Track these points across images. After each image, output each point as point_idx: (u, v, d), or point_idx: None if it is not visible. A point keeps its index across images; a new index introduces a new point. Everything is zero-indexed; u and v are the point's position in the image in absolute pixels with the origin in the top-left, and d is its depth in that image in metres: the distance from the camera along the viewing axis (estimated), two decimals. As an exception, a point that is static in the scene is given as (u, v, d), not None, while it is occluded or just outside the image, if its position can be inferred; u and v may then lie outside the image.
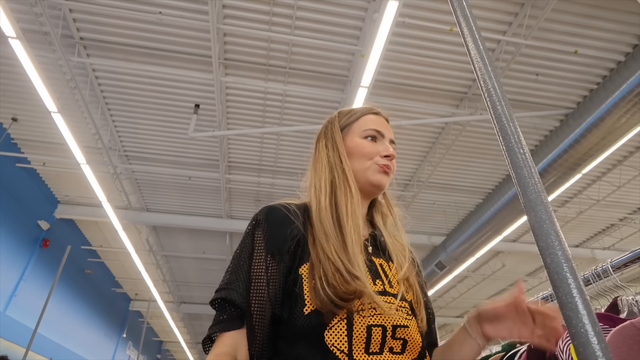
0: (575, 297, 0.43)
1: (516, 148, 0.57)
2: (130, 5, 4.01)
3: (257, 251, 0.70)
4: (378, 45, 3.59)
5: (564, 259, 0.46)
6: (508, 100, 0.61)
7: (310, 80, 4.80)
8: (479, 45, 0.67)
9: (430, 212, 7.31)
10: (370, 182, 0.81)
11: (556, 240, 0.48)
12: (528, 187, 0.53)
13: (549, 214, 0.50)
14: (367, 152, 0.82)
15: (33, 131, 5.62)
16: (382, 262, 0.74)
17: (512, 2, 3.97)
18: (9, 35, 3.56)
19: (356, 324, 0.63)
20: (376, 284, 0.69)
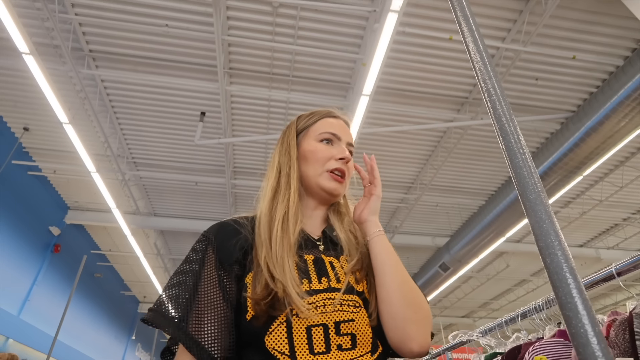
0: (574, 297, 0.43)
1: (516, 148, 0.57)
2: (137, 18, 4.13)
3: (207, 265, 0.70)
4: (379, 54, 3.68)
5: (563, 259, 0.46)
6: (508, 101, 0.62)
7: (313, 87, 4.90)
8: (478, 45, 0.67)
9: (434, 214, 7.38)
10: (323, 188, 0.80)
11: (556, 240, 0.48)
12: (528, 187, 0.53)
13: (548, 214, 0.50)
14: (321, 156, 0.82)
15: (44, 140, 5.77)
16: (332, 260, 0.74)
17: (511, 9, 4.05)
18: (22, 51, 3.70)
19: (295, 326, 0.63)
20: (321, 282, 0.69)
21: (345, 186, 0.84)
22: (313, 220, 0.83)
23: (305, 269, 0.70)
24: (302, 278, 0.68)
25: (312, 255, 0.74)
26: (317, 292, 0.67)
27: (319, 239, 0.78)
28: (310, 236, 0.78)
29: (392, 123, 5.29)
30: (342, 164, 0.81)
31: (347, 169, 0.83)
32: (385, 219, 7.75)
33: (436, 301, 11.01)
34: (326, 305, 0.66)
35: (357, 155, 0.83)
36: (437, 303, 11.47)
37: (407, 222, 7.51)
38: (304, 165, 0.83)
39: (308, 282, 0.68)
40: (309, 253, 0.74)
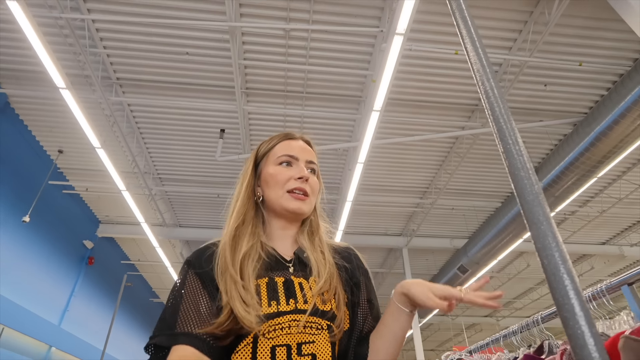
0: (571, 299, 0.43)
1: (513, 150, 0.57)
2: (159, 47, 4.44)
3: (189, 283, 0.74)
4: (388, 72, 3.85)
5: (560, 260, 0.46)
6: (506, 103, 0.62)
7: (326, 102, 5.10)
8: (476, 46, 0.68)
9: (450, 216, 7.46)
10: (286, 209, 0.82)
11: (553, 241, 0.48)
12: (525, 188, 0.53)
13: (546, 215, 0.50)
14: (280, 179, 0.84)
15: (77, 161, 6.18)
16: (302, 281, 0.76)
17: (517, 20, 4.14)
18: (59, 86, 4.04)
19: (260, 345, 0.67)
20: (289, 304, 0.72)
21: (311, 203, 0.85)
22: (284, 241, 0.85)
23: (275, 291, 0.73)
24: (271, 300, 0.72)
25: (282, 277, 0.76)
26: (284, 314, 0.70)
27: (289, 260, 0.80)
28: (282, 257, 0.80)
29: (405, 132, 5.44)
30: (302, 183, 0.83)
31: (310, 187, 0.84)
32: (402, 223, 7.88)
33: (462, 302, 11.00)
34: (291, 326, 0.69)
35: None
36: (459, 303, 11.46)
37: (424, 226, 7.61)
38: (266, 189, 0.85)
39: (276, 304, 0.71)
40: (279, 275, 0.76)
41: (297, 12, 4.09)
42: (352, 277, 0.82)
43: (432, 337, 14.56)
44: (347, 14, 4.10)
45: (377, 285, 10.36)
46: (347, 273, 0.82)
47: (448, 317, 12.34)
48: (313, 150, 0.93)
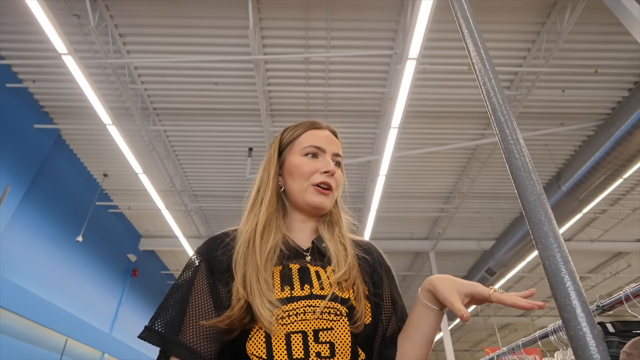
0: (573, 300, 0.43)
1: (515, 151, 0.57)
2: (191, 79, 4.83)
3: (199, 277, 0.72)
4: (403, 90, 4.05)
5: (562, 261, 0.46)
6: (507, 104, 0.62)
7: (346, 118, 5.35)
8: (477, 44, 0.68)
9: (476, 219, 7.51)
10: (308, 203, 0.80)
11: (555, 242, 0.47)
12: (527, 189, 0.53)
13: (548, 217, 0.50)
14: (305, 171, 0.81)
15: (120, 183, 6.71)
16: (319, 269, 0.73)
17: (530, 31, 4.24)
18: (106, 122, 4.50)
19: (275, 332, 0.64)
20: (304, 289, 0.68)
21: (333, 198, 0.83)
22: (302, 232, 0.82)
23: (289, 276, 0.70)
24: (284, 285, 0.69)
25: (297, 265, 0.73)
26: (299, 299, 0.67)
27: (307, 250, 0.78)
28: (299, 247, 0.78)
29: (425, 142, 5.60)
30: (327, 177, 0.81)
31: (335, 181, 0.82)
32: (428, 227, 7.99)
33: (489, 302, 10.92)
34: (307, 312, 0.66)
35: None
36: (491, 304, 11.37)
37: (450, 229, 7.69)
38: (289, 180, 0.82)
39: (290, 289, 0.68)
40: (295, 262, 0.74)
41: (315, 40, 4.36)
42: (374, 272, 0.79)
43: (465, 338, 14.44)
44: (362, 37, 4.34)
45: (405, 288, 10.48)
46: (369, 267, 0.79)
47: (480, 317, 12.24)
48: (339, 142, 0.89)
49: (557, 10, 4.03)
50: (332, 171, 0.81)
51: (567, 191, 5.16)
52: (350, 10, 4.10)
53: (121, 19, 4.19)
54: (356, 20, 4.18)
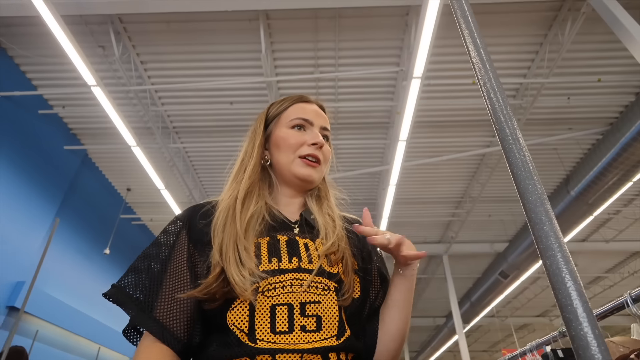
0: (574, 300, 0.43)
1: (515, 150, 0.56)
2: (207, 100, 5.10)
3: (178, 247, 0.70)
4: (410, 105, 4.22)
5: (563, 261, 0.46)
6: (507, 101, 0.61)
7: (356, 130, 5.54)
8: (476, 42, 0.68)
9: (488, 223, 7.60)
10: (296, 175, 0.78)
11: (556, 242, 0.47)
12: (528, 189, 0.52)
13: (549, 216, 0.49)
14: (292, 142, 0.79)
15: (142, 196, 7.05)
16: (308, 241, 0.72)
17: (532, 43, 4.37)
18: (131, 144, 4.81)
19: (259, 303, 0.62)
20: (292, 262, 0.67)
21: (321, 171, 0.81)
22: (291, 207, 0.81)
23: (277, 248, 0.69)
24: (272, 257, 0.67)
25: (285, 237, 0.72)
26: (286, 272, 0.65)
27: (295, 222, 0.76)
28: (287, 219, 0.76)
29: (433, 151, 5.75)
30: (315, 149, 0.79)
31: (323, 154, 0.80)
32: (440, 232, 8.11)
33: (505, 303, 10.94)
34: (293, 285, 0.64)
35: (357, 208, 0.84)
36: (507, 304, 11.37)
37: (462, 232, 7.79)
38: (276, 153, 0.81)
39: (277, 261, 0.67)
40: (282, 234, 0.72)
41: (324, 59, 4.58)
42: (363, 247, 0.78)
43: (483, 339, 14.41)
44: (368, 55, 4.53)
45: (420, 291, 10.59)
46: (358, 241, 0.78)
47: (497, 317, 12.22)
48: (327, 117, 0.88)
49: (558, 22, 4.15)
50: (320, 143, 0.79)
51: (576, 196, 5.24)
52: (357, 31, 4.30)
53: (142, 48, 4.49)
54: (362, 40, 4.37)
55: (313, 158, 0.79)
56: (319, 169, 0.80)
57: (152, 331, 0.63)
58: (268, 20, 4.19)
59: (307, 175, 0.78)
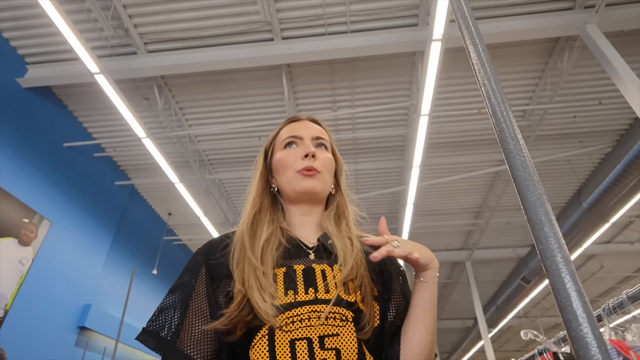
0: (574, 301, 0.43)
1: (515, 151, 0.56)
2: (238, 135, 5.69)
3: (198, 283, 0.71)
4: (420, 137, 4.63)
5: (563, 262, 0.46)
6: (507, 103, 0.61)
7: (374, 154, 5.99)
8: (477, 44, 0.69)
9: (508, 229, 7.83)
10: (297, 191, 0.79)
11: (556, 243, 0.47)
12: (528, 189, 0.52)
13: (548, 217, 0.49)
14: (287, 161, 0.80)
15: (182, 219, 7.75)
16: (325, 267, 0.71)
17: (535, 70, 4.68)
18: (173, 181, 5.46)
19: (278, 339, 0.62)
20: (308, 293, 0.66)
21: (323, 180, 0.80)
22: (306, 228, 0.80)
23: (293, 279, 0.68)
24: (288, 289, 0.67)
25: (302, 265, 0.71)
26: (303, 304, 0.65)
27: (312, 247, 0.75)
28: (303, 244, 0.76)
29: (449, 169, 6.11)
30: (309, 160, 0.79)
31: (321, 162, 0.80)
32: (462, 239, 8.39)
33: (534, 304, 11.02)
34: (311, 318, 0.64)
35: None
36: (536, 305, 11.43)
37: (484, 239, 8.05)
38: (277, 177, 0.82)
39: (294, 294, 0.66)
40: (299, 262, 0.72)
41: (341, 97, 5.06)
42: (383, 270, 0.77)
43: (515, 339, 14.42)
44: (381, 90, 4.97)
45: (446, 295, 10.85)
46: (377, 265, 0.77)
47: (525, 318, 12.27)
48: (322, 128, 0.89)
49: (557, 52, 4.45)
50: (310, 152, 0.79)
51: (588, 207, 5.46)
52: (369, 71, 4.75)
53: (181, 97, 5.12)
54: (374, 78, 4.82)
55: (308, 168, 0.79)
56: (319, 177, 0.79)
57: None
58: (289, 68, 4.71)
59: (307, 186, 0.78)
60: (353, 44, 4.19)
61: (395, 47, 4.17)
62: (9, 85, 4.51)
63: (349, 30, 4.25)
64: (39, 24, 4.21)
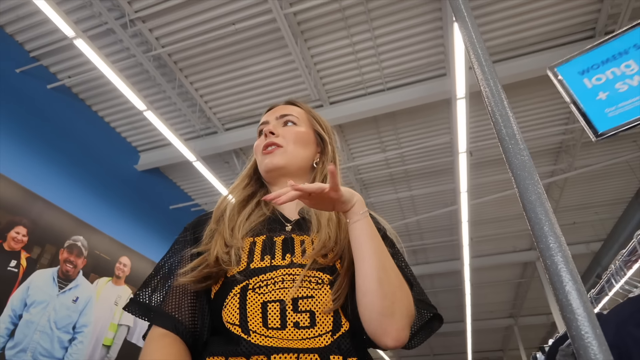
0: (574, 300, 0.43)
1: (515, 150, 0.57)
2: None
3: (184, 251, 0.76)
4: (463, 166, 5.14)
5: (563, 261, 0.46)
6: (504, 104, 0.62)
7: (425, 179, 6.54)
8: (474, 42, 0.73)
9: (575, 229, 7.81)
10: (263, 170, 0.83)
11: (556, 242, 0.48)
12: (528, 189, 0.53)
13: (548, 217, 0.50)
14: (256, 146, 0.86)
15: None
16: (304, 238, 0.72)
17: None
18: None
19: (250, 300, 0.63)
20: (285, 259, 0.68)
21: (285, 153, 0.82)
22: (290, 205, 0.82)
23: (271, 247, 0.70)
24: (265, 254, 0.69)
25: (282, 236, 0.73)
26: (278, 268, 0.66)
27: (293, 221, 0.78)
28: (284, 217, 0.79)
29: (498, 184, 6.45)
30: (267, 139, 0.83)
31: (282, 137, 0.83)
32: (528, 240, 8.49)
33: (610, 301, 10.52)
34: (285, 281, 0.65)
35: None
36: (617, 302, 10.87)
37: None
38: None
39: (270, 258, 0.68)
40: (279, 234, 0.74)
41: (387, 138, 5.74)
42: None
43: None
44: (423, 130, 5.56)
45: (522, 294, 10.81)
46: None
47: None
48: (295, 106, 0.91)
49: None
50: (266, 131, 0.83)
51: None
52: (409, 115, 5.37)
53: (253, 158, 6.18)
54: (415, 120, 5.43)
55: (264, 146, 0.82)
56: (281, 152, 0.81)
57: (161, 324, 0.67)
58: (340, 128, 5.51)
59: (265, 164, 0.82)
60: (390, 101, 4.87)
61: (428, 98, 4.76)
62: (128, 170, 5.90)
63: (385, 89, 4.94)
64: (145, 124, 5.51)
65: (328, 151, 0.89)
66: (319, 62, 4.67)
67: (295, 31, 4.26)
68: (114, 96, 5.05)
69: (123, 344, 5.12)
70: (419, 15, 4.16)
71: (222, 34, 4.23)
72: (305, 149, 0.85)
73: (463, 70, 3.93)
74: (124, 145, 5.86)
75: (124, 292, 5.32)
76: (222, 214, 0.78)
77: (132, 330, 5.33)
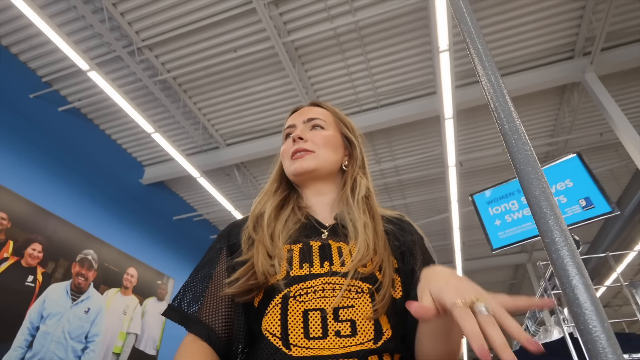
0: (581, 294, 0.43)
1: (519, 144, 0.56)
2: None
3: (220, 259, 0.77)
4: (453, 180, 5.43)
5: (569, 255, 0.46)
6: (506, 98, 0.63)
7: (419, 188, 6.83)
8: (473, 38, 0.73)
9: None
10: (292, 174, 0.83)
11: (562, 236, 0.47)
12: (532, 183, 0.52)
13: (553, 210, 0.49)
14: (283, 152, 0.86)
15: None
16: (341, 245, 0.72)
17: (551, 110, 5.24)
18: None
19: (291, 309, 0.63)
20: (323, 266, 0.67)
21: (316, 158, 0.82)
22: (322, 207, 0.82)
23: (309, 254, 0.70)
24: (303, 262, 0.68)
25: (319, 242, 0.73)
26: (317, 277, 0.66)
27: (329, 226, 0.77)
28: (319, 223, 0.78)
29: (488, 191, 6.74)
30: (296, 144, 0.83)
31: (312, 141, 0.83)
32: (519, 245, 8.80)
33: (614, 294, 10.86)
34: (325, 290, 0.64)
35: None
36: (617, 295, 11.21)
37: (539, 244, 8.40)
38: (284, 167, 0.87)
39: (309, 266, 0.68)
40: (316, 240, 0.73)
41: (381, 152, 6.02)
42: (403, 244, 0.76)
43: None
44: (415, 142, 5.85)
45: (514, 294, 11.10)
46: (397, 240, 0.76)
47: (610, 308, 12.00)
48: (321, 108, 0.91)
49: (568, 89, 5.00)
50: (294, 137, 0.84)
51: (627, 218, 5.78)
52: (403, 129, 5.65)
53: (254, 169, 6.44)
54: (408, 133, 5.72)
55: (294, 152, 0.83)
56: (312, 156, 0.82)
57: (195, 331, 0.69)
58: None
59: (294, 169, 0.82)
60: (384, 118, 5.15)
61: (419, 115, 5.05)
62: (134, 184, 6.15)
63: (379, 106, 5.22)
64: (150, 140, 5.75)
65: (357, 154, 0.88)
66: (315, 83, 4.95)
67: (293, 56, 4.53)
68: (121, 116, 5.30)
69: (132, 351, 5.37)
70: (408, 40, 4.44)
71: (224, 60, 4.49)
72: (335, 152, 0.86)
73: (450, 93, 4.22)
74: (130, 161, 6.11)
75: (132, 301, 5.57)
76: (257, 220, 0.78)
77: (139, 338, 5.59)
